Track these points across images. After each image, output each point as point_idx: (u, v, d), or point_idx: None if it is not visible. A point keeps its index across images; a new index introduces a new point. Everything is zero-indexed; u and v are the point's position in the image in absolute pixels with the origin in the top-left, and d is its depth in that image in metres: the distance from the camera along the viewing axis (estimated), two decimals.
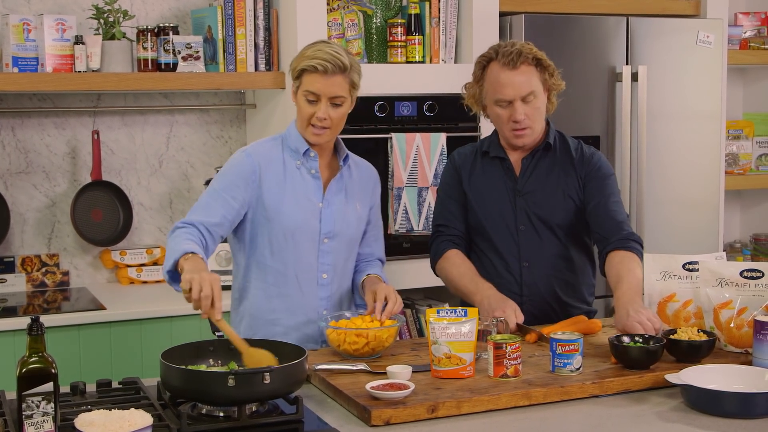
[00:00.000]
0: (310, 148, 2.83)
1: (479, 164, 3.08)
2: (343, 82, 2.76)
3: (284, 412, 2.18)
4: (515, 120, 2.92)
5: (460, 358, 2.38)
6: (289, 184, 2.80)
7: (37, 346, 1.89)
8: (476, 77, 3.02)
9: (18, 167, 3.97)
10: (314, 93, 2.74)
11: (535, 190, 3.00)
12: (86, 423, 1.92)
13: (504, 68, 2.91)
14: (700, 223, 4.45)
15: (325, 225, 2.82)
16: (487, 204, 3.03)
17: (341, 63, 2.74)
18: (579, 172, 3.01)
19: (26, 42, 3.65)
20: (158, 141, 4.17)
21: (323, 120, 2.75)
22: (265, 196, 2.78)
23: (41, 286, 3.98)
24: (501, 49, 2.95)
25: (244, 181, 2.77)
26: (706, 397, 2.19)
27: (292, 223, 2.78)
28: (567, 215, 3.00)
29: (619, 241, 2.90)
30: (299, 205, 2.80)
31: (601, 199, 2.98)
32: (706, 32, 4.37)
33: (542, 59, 2.94)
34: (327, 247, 2.83)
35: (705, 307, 2.66)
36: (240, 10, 3.88)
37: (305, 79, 2.75)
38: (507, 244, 3.01)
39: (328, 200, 2.84)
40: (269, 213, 2.78)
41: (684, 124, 4.38)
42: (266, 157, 2.82)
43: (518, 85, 2.90)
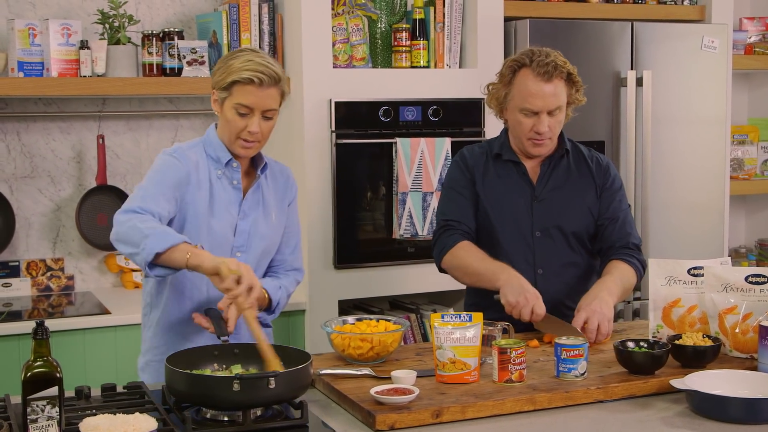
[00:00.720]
0: (233, 159, 2.68)
1: (492, 166, 3.04)
2: (276, 94, 2.63)
3: (289, 416, 2.18)
4: (538, 131, 2.91)
5: (464, 363, 2.38)
6: (213, 194, 2.66)
7: (42, 350, 1.90)
8: (505, 79, 2.96)
9: (23, 172, 3.97)
10: (247, 106, 2.58)
11: (552, 196, 3.00)
12: (91, 427, 1.92)
13: (537, 78, 2.87)
14: (705, 228, 4.45)
15: (238, 238, 2.68)
16: (502, 208, 2.99)
17: (275, 74, 2.60)
18: (597, 181, 3.03)
19: (32, 47, 3.66)
20: (163, 145, 4.17)
21: (255, 134, 2.61)
22: (190, 206, 2.62)
23: (46, 290, 3.98)
24: (536, 57, 2.89)
25: (176, 185, 2.60)
26: (711, 403, 2.19)
27: (210, 238, 2.63)
28: (582, 223, 3.01)
29: (626, 256, 2.98)
30: (220, 217, 2.66)
31: (618, 215, 3.03)
32: (710, 37, 4.37)
33: (573, 75, 2.93)
34: (239, 260, 2.61)
35: (710, 312, 2.66)
36: (245, 15, 3.88)
37: (237, 91, 2.58)
38: (521, 251, 2.99)
39: (245, 212, 2.69)
40: (199, 222, 2.63)
41: (689, 129, 4.38)
42: (194, 164, 2.65)
43: (549, 98, 2.88)
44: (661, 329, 2.72)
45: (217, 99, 2.65)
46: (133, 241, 2.43)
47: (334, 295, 3.85)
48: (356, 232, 3.89)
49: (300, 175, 3.77)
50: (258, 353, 2.35)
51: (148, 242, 2.39)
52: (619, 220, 3.03)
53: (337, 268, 3.85)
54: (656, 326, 2.73)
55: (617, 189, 3.07)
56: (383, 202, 3.92)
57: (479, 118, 4.01)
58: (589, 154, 3.08)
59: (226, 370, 2.34)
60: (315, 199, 3.80)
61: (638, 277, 3.00)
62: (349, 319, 2.72)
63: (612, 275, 2.92)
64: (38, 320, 1.92)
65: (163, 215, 2.54)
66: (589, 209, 3.02)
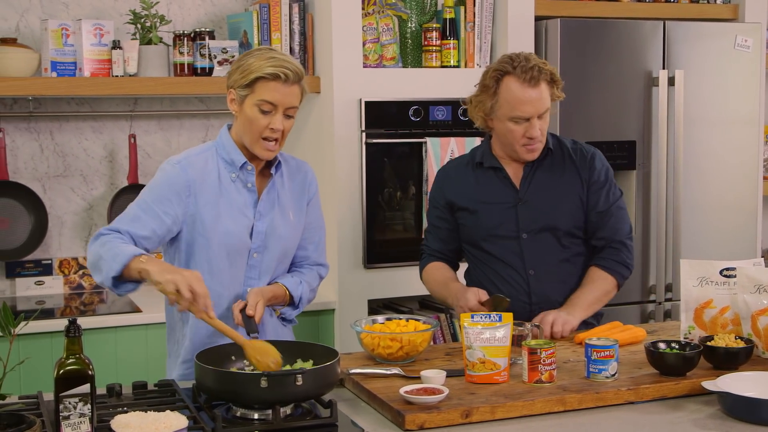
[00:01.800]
0: (248, 162, 2.65)
1: (471, 176, 3.05)
2: (298, 92, 2.60)
3: (318, 415, 2.19)
4: (531, 137, 2.91)
5: (494, 363, 2.37)
6: (225, 198, 2.63)
7: (75, 347, 1.91)
8: (489, 90, 2.92)
9: (56, 171, 4.01)
10: (271, 103, 2.55)
11: (536, 197, 2.99)
12: (122, 425, 1.93)
13: (524, 85, 2.87)
14: (737, 228, 4.41)
15: (256, 239, 2.66)
16: (485, 215, 3.01)
17: (299, 70, 2.59)
18: (582, 175, 3.01)
19: (65, 47, 3.69)
20: (194, 145, 4.18)
21: (277, 132, 2.58)
22: (201, 212, 2.60)
23: (78, 288, 4.02)
24: (517, 63, 2.89)
25: (177, 195, 2.58)
26: (743, 405, 2.17)
27: (228, 241, 2.62)
28: (570, 219, 2.99)
29: (609, 261, 3.01)
30: (235, 221, 2.63)
31: (608, 209, 3.02)
32: (744, 36, 4.33)
33: (555, 74, 2.93)
34: (255, 261, 2.67)
35: (742, 313, 2.64)
36: (275, 14, 3.90)
37: (260, 88, 2.56)
38: (510, 254, 2.99)
39: (261, 213, 2.67)
40: (207, 231, 2.60)
41: (721, 129, 4.35)
42: (201, 170, 2.62)
43: (537, 103, 2.88)
44: (692, 330, 2.70)
45: (235, 98, 2.62)
46: (95, 269, 2.48)
47: (364, 294, 3.85)
48: (386, 232, 3.89)
49: (330, 175, 3.77)
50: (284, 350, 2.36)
51: (104, 268, 2.43)
52: (607, 214, 3.01)
53: (366, 268, 3.85)
54: (688, 327, 2.71)
55: (604, 181, 3.03)
56: (413, 201, 3.92)
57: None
58: (573, 147, 3.06)
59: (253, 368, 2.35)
60: (345, 199, 3.80)
61: (618, 281, 3.03)
62: (379, 319, 2.73)
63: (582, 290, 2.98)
64: (71, 318, 1.93)
65: (142, 234, 2.53)
66: (578, 204, 3.00)
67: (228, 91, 2.64)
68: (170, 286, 2.32)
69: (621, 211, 3.06)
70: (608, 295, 3.01)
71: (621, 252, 3.02)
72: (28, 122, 3.96)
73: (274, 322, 2.74)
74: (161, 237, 2.59)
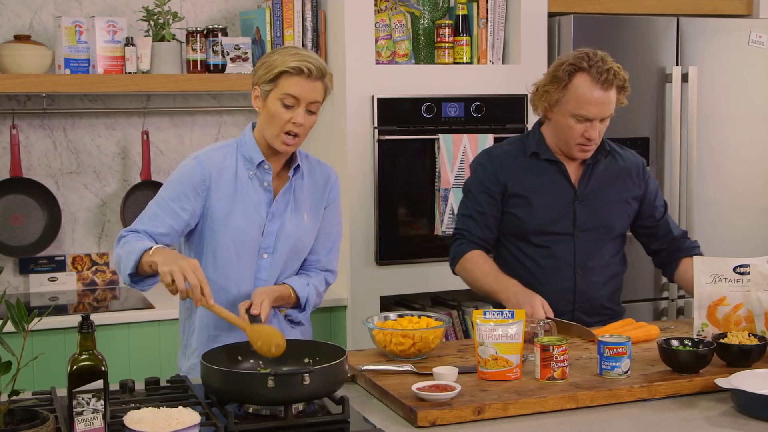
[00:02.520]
0: (265, 160, 2.66)
1: (527, 166, 3.01)
2: (321, 88, 2.62)
3: (330, 412, 2.19)
4: (589, 138, 2.89)
5: (506, 360, 2.37)
6: (240, 195, 2.66)
7: (88, 343, 1.92)
8: (561, 83, 2.87)
9: (69, 167, 4.02)
10: (294, 96, 2.57)
11: (593, 197, 2.98)
12: (135, 420, 1.93)
13: (596, 85, 2.84)
14: (751, 225, 4.39)
15: (266, 239, 2.67)
16: (540, 208, 2.97)
17: (322, 66, 2.61)
18: (636, 182, 3.03)
19: (78, 44, 3.70)
20: (207, 142, 4.20)
21: (298, 126, 2.59)
22: (214, 206, 2.64)
23: (91, 284, 4.03)
24: (593, 62, 2.85)
25: (194, 190, 2.62)
26: (756, 402, 2.16)
27: (237, 237, 2.64)
28: (621, 224, 3.01)
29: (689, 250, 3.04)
30: (247, 218, 2.65)
31: (666, 217, 3.08)
32: (758, 32, 4.31)
33: (626, 82, 2.90)
34: (265, 262, 2.69)
35: (756, 310, 2.63)
36: (288, 11, 3.90)
37: (284, 82, 2.57)
38: (562, 251, 2.97)
39: (273, 213, 2.68)
40: (216, 225, 2.64)
41: (735, 125, 4.33)
42: (218, 165, 2.66)
43: (605, 106, 2.86)
44: (706, 327, 2.69)
45: (259, 95, 2.64)
46: (118, 270, 2.55)
47: (376, 291, 3.85)
48: (398, 229, 3.89)
49: (342, 172, 3.77)
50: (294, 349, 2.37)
51: (122, 267, 2.50)
52: (668, 222, 3.09)
53: (379, 264, 3.85)
54: (701, 324, 2.70)
55: (656, 188, 3.10)
56: (425, 198, 3.92)
57: (522, 114, 3.99)
58: (623, 153, 3.07)
59: (265, 368, 2.35)
60: (357, 195, 3.81)
61: None
62: (391, 315, 2.73)
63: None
64: (84, 314, 1.94)
65: (160, 232, 2.58)
66: (627, 210, 3.01)
67: (253, 89, 2.66)
68: (167, 277, 2.34)
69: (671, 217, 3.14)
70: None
71: (689, 242, 3.09)
72: (42, 119, 3.97)
73: (280, 323, 2.75)
74: (180, 232, 2.63)
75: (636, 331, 2.76)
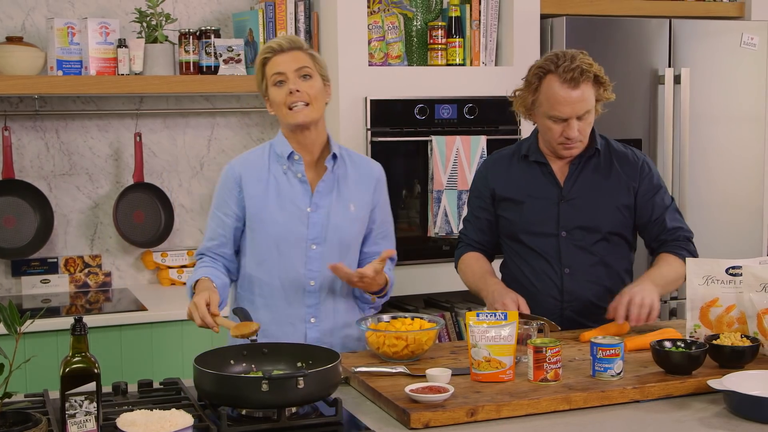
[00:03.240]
0: (294, 152, 2.75)
1: (517, 168, 3.04)
2: (302, 55, 2.72)
3: (323, 414, 2.18)
4: (568, 137, 2.89)
5: (499, 362, 2.37)
6: (273, 191, 2.74)
7: (80, 346, 1.91)
8: (531, 86, 2.92)
9: (62, 169, 4.01)
10: (279, 72, 2.70)
11: (580, 196, 2.98)
12: (128, 423, 1.93)
13: (564, 85, 2.83)
14: (743, 226, 4.41)
15: (312, 230, 2.74)
16: (525, 209, 3.00)
17: (295, 39, 2.75)
18: (630, 180, 2.99)
19: (70, 45, 3.69)
20: (199, 143, 4.20)
21: (297, 93, 2.68)
22: (248, 205, 2.75)
23: (84, 286, 4.02)
24: (561, 62, 2.85)
25: (230, 194, 2.77)
26: (749, 404, 2.17)
27: (275, 231, 2.72)
28: (611, 223, 2.98)
29: (682, 250, 2.98)
30: (285, 212, 2.73)
31: (663, 215, 3.02)
32: (750, 34, 4.32)
33: (600, 76, 2.88)
34: (315, 253, 2.74)
35: (748, 312, 2.63)
36: (281, 13, 3.90)
37: (267, 68, 2.73)
38: (548, 250, 2.98)
39: (317, 203, 2.75)
40: (252, 223, 2.74)
41: (727, 126, 4.34)
42: (248, 165, 2.78)
43: (576, 105, 2.85)
44: (698, 329, 2.69)
45: (265, 96, 2.76)
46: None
47: None
48: None
49: None
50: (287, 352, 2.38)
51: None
52: (664, 219, 3.01)
53: None
54: (694, 326, 2.70)
55: (656, 187, 3.02)
56: (418, 200, 3.92)
57: (515, 116, 3.96)
58: (622, 151, 3.04)
59: (258, 371, 2.35)
60: None
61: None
62: (384, 317, 2.72)
63: (657, 266, 2.96)
64: (76, 316, 1.93)
65: (215, 244, 2.78)
66: (621, 209, 2.99)
67: (264, 99, 2.80)
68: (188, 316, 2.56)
69: (676, 213, 3.06)
70: (681, 280, 2.94)
71: (688, 244, 3.02)
72: (34, 121, 3.96)
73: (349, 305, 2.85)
74: (232, 237, 2.79)
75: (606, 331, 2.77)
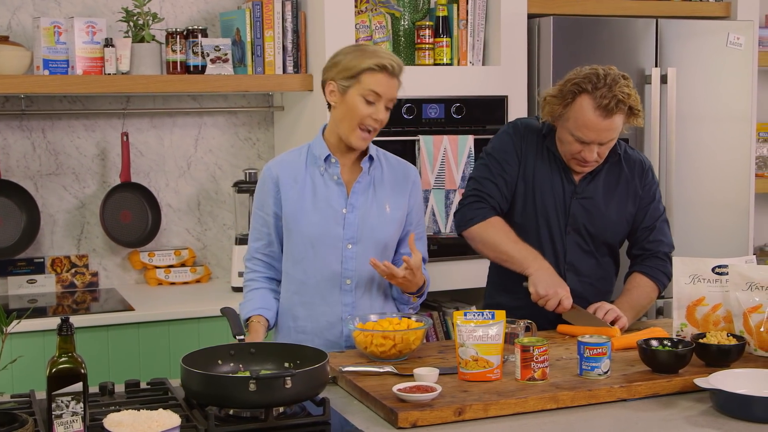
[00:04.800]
0: (331, 154, 2.78)
1: (542, 149, 2.97)
2: (397, 86, 2.75)
3: (311, 413, 2.19)
4: (585, 159, 2.87)
5: (487, 361, 2.37)
6: (309, 192, 2.78)
7: (67, 346, 1.91)
8: (564, 100, 2.82)
9: (48, 169, 4.00)
10: (377, 93, 2.69)
11: (593, 197, 2.97)
12: (115, 423, 1.93)
13: (596, 111, 2.76)
14: (729, 226, 4.42)
15: (348, 230, 2.78)
16: (539, 197, 2.96)
17: (401, 65, 2.74)
18: (637, 187, 3.00)
19: (57, 45, 3.68)
20: (187, 143, 4.19)
21: (377, 122, 2.72)
22: (284, 205, 2.79)
23: (71, 286, 4.01)
24: (600, 85, 2.76)
25: (267, 194, 2.82)
26: (735, 402, 2.18)
27: (310, 231, 2.76)
28: (616, 230, 3.00)
29: (654, 270, 3.01)
30: (320, 213, 2.77)
31: (654, 224, 3.03)
32: (736, 34, 4.34)
33: (635, 106, 2.81)
34: (351, 252, 2.78)
35: (735, 310, 2.64)
36: (268, 12, 3.89)
37: (367, 79, 2.68)
38: (552, 245, 2.98)
39: (352, 204, 2.79)
40: (289, 223, 2.79)
41: (714, 126, 4.35)
42: (285, 166, 2.82)
43: (604, 133, 2.80)
44: (685, 328, 2.70)
45: (335, 90, 2.73)
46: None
47: None
48: None
49: None
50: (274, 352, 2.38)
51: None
52: (653, 228, 3.03)
53: None
54: (680, 325, 2.71)
55: (654, 197, 3.04)
56: None
57: (502, 115, 4.00)
58: (632, 155, 3.03)
59: (245, 371, 2.34)
60: None
61: (660, 290, 3.05)
62: (372, 317, 2.73)
63: (630, 292, 2.99)
64: (63, 316, 1.93)
65: (262, 244, 2.86)
66: (626, 218, 3.00)
67: (327, 84, 2.75)
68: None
69: (664, 225, 3.07)
70: (651, 303, 3.04)
71: (665, 262, 3.02)
72: (20, 120, 3.95)
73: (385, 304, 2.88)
74: (277, 235, 2.83)
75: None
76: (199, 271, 4.14)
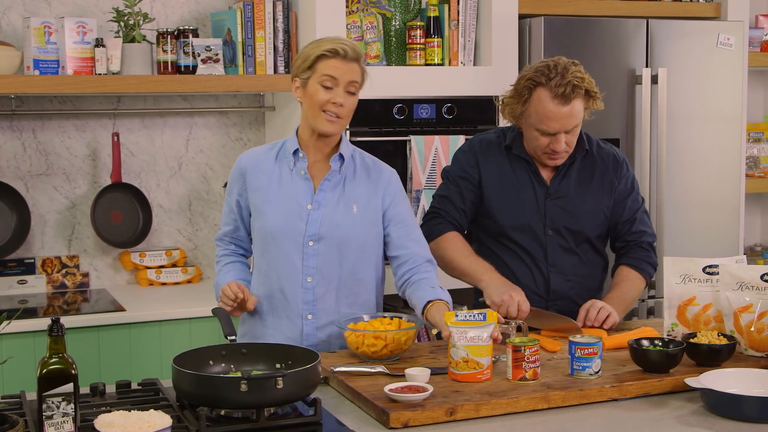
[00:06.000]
0: (299, 149, 2.78)
1: (504, 160, 3.01)
2: (358, 69, 2.73)
3: (302, 414, 2.18)
4: (555, 150, 2.89)
5: (477, 363, 2.37)
6: (276, 185, 2.78)
7: (58, 347, 1.90)
8: (521, 98, 2.87)
9: (39, 169, 3.99)
10: (333, 77, 2.68)
11: (566, 195, 2.98)
12: (106, 424, 1.92)
13: (554, 101, 2.80)
14: (720, 226, 4.43)
15: (310, 227, 2.74)
16: (512, 204, 2.98)
17: (357, 49, 2.73)
18: (612, 181, 3.02)
19: (47, 45, 3.67)
20: (177, 143, 4.18)
21: (339, 106, 2.69)
22: (250, 197, 2.81)
23: (61, 287, 4.00)
24: (552, 75, 2.81)
25: (234, 182, 2.86)
26: (726, 401, 2.18)
27: (272, 225, 2.76)
28: (595, 224, 3.01)
29: (639, 261, 3.04)
30: (285, 207, 2.76)
31: (634, 216, 3.05)
32: (726, 35, 4.35)
33: (591, 90, 2.85)
34: (312, 249, 2.74)
35: (725, 310, 2.65)
36: (259, 12, 3.89)
37: (322, 65, 2.69)
38: (534, 249, 2.99)
39: (318, 201, 2.76)
40: (256, 213, 2.81)
41: (704, 126, 4.36)
42: (254, 159, 2.84)
43: (566, 120, 2.83)
44: (675, 327, 2.71)
45: (299, 86, 2.75)
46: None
47: None
48: None
49: None
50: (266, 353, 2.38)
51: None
52: (633, 221, 3.04)
53: None
54: (671, 324, 2.72)
55: (631, 188, 3.06)
56: None
57: (493, 115, 4.00)
58: (605, 150, 3.05)
59: (236, 371, 2.34)
60: None
61: (647, 280, 3.07)
62: (363, 317, 2.73)
63: (619, 286, 3.00)
64: (54, 317, 1.92)
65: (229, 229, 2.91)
66: (604, 211, 3.01)
67: (293, 81, 2.78)
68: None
69: (644, 216, 3.09)
70: (639, 294, 3.06)
71: (649, 252, 3.06)
72: (11, 121, 3.94)
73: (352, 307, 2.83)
74: (242, 222, 2.88)
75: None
76: (191, 271, 4.13)
